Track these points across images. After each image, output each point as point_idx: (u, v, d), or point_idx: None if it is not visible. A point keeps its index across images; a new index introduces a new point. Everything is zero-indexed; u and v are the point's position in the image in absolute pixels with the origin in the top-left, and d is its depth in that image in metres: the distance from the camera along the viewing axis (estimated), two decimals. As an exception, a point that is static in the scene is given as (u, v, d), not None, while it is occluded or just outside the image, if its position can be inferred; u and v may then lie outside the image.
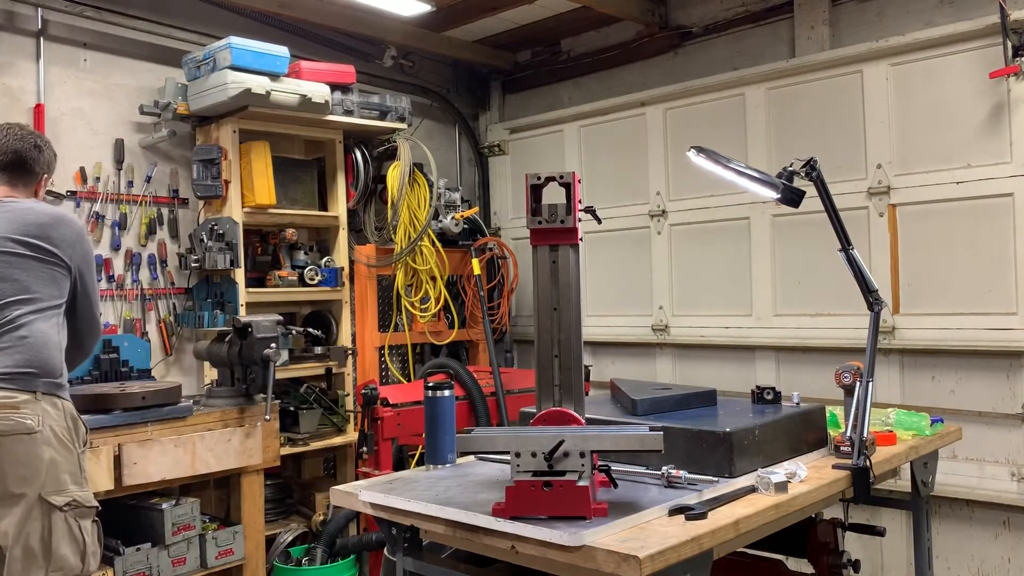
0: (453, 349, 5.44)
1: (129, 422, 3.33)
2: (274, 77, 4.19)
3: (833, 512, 3.09)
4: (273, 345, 3.74)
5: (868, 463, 2.44)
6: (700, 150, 2.65)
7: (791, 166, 2.57)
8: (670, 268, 4.93)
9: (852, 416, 2.58)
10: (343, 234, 4.79)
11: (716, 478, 2.24)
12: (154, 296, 4.34)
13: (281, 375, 4.23)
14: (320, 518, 4.37)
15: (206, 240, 4.20)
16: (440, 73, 5.86)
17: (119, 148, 4.26)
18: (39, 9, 4.03)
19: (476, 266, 5.19)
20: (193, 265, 4.26)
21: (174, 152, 4.47)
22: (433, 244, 5.01)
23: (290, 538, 4.28)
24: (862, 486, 2.42)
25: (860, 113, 4.20)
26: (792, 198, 2.52)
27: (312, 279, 4.58)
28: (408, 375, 5.11)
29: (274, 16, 4.70)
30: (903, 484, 3.26)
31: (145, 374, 3.94)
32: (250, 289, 4.34)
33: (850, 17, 4.41)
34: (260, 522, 3.83)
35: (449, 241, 5.20)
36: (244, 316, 3.95)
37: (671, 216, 4.91)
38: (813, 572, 3.11)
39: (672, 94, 4.90)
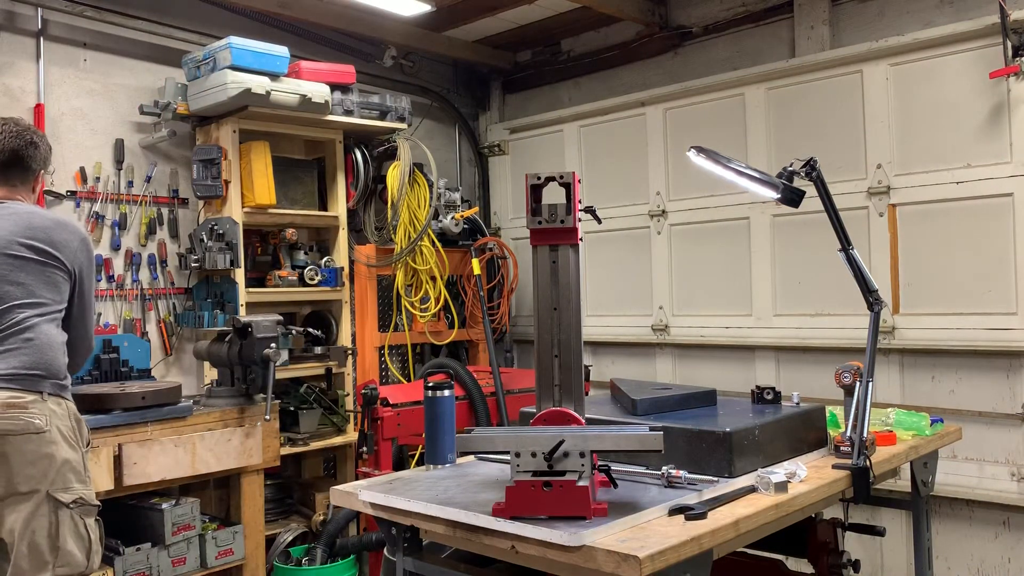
0: (453, 349, 5.44)
1: (129, 422, 3.33)
2: (274, 77, 4.20)
3: (833, 512, 3.09)
4: (273, 345, 3.75)
5: (868, 463, 2.44)
6: (700, 150, 2.65)
7: (791, 166, 2.57)
8: (670, 268, 4.93)
9: (852, 416, 2.58)
10: (343, 234, 4.79)
11: (716, 478, 2.23)
12: (154, 296, 4.34)
13: (281, 375, 4.23)
14: (320, 518, 4.37)
15: (206, 240, 4.20)
16: (440, 73, 5.86)
17: (119, 148, 4.26)
18: (39, 9, 4.03)
19: (476, 266, 5.19)
20: (193, 265, 4.26)
21: (174, 152, 4.47)
22: (433, 244, 5.01)
23: (290, 538, 4.28)
24: (862, 486, 2.42)
25: (860, 113, 4.20)
26: (792, 198, 2.52)
27: (312, 279, 4.58)
28: (408, 375, 5.11)
29: (274, 16, 4.70)
30: (903, 484, 3.26)
31: (145, 374, 3.94)
32: (250, 289, 4.34)
33: (850, 17, 4.41)
34: (260, 522, 3.83)
35: (449, 241, 5.20)
36: (244, 316, 3.96)
37: (671, 216, 4.91)
38: (813, 572, 3.11)
39: (672, 94, 4.90)
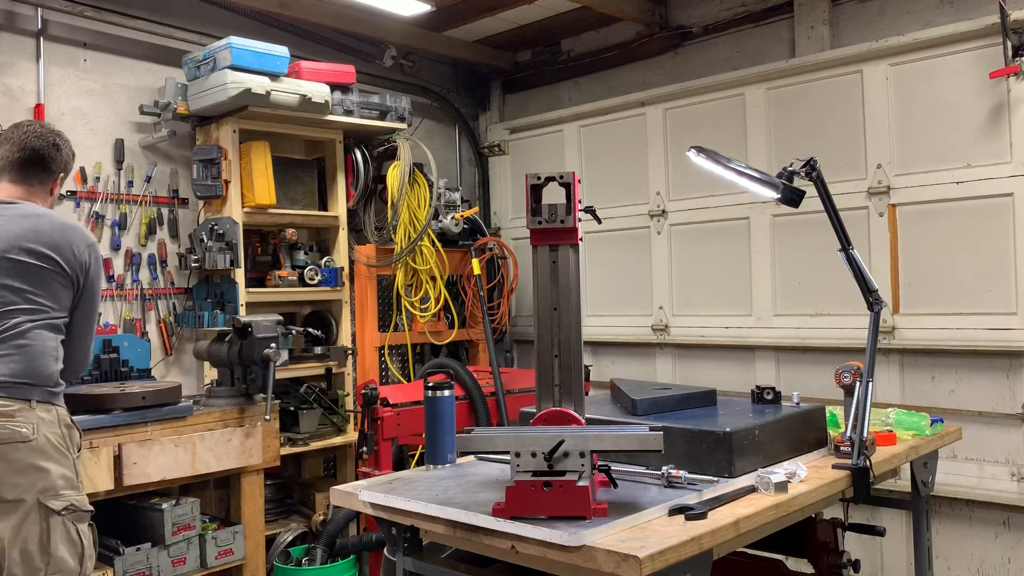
0: (453, 349, 5.44)
1: (129, 422, 3.33)
2: (274, 77, 4.20)
3: (833, 512, 3.09)
4: (273, 345, 3.74)
5: (868, 463, 2.44)
6: (700, 150, 2.65)
7: (791, 166, 2.57)
8: (670, 268, 4.93)
9: (852, 416, 2.58)
10: (343, 234, 4.79)
11: (716, 478, 2.24)
12: (154, 296, 4.34)
13: (281, 375, 4.23)
14: (320, 518, 4.37)
15: (206, 240, 4.20)
16: (440, 73, 5.86)
17: (119, 148, 4.26)
18: (39, 9, 4.03)
19: (476, 266, 5.19)
20: (193, 265, 4.26)
21: (174, 152, 4.47)
22: (433, 244, 5.01)
23: (290, 538, 4.28)
24: (862, 486, 2.42)
25: (860, 113, 4.20)
26: (792, 198, 2.52)
27: (312, 279, 4.58)
28: (408, 375, 5.11)
29: (274, 16, 4.70)
30: (903, 484, 3.26)
31: (145, 374, 3.94)
32: (250, 289, 4.33)
33: (850, 17, 4.41)
34: (260, 522, 3.83)
35: (449, 241, 5.20)
36: (244, 316, 3.96)
37: (671, 216, 4.91)
38: (813, 572, 3.11)
39: (672, 94, 4.90)
